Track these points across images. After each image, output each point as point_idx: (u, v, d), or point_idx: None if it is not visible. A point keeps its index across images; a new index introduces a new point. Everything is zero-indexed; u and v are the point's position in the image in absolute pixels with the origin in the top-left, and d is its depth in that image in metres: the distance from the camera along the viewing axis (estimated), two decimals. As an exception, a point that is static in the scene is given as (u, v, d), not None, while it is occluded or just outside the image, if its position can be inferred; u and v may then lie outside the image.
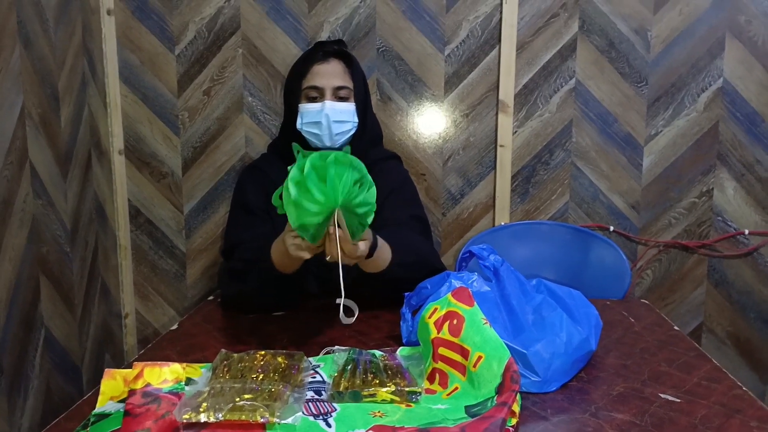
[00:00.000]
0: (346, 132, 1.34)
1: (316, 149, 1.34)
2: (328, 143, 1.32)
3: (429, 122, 1.81)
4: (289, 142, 1.36)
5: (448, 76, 1.79)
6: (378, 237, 1.10)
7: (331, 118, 1.30)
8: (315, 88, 1.32)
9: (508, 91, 1.77)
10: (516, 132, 1.80)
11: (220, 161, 1.86)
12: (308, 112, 1.31)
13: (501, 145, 1.79)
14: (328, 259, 0.96)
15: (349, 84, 1.35)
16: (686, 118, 1.75)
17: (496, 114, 1.79)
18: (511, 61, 1.76)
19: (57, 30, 1.55)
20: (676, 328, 1.14)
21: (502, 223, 1.81)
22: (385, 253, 1.13)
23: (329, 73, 1.32)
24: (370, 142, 1.43)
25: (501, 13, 1.74)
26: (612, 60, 1.75)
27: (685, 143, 1.76)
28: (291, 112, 1.36)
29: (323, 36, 1.79)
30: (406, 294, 1.06)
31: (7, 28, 1.33)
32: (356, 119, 1.35)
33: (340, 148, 1.34)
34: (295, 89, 1.34)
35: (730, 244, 1.78)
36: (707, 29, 1.71)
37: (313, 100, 1.32)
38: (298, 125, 1.33)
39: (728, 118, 1.73)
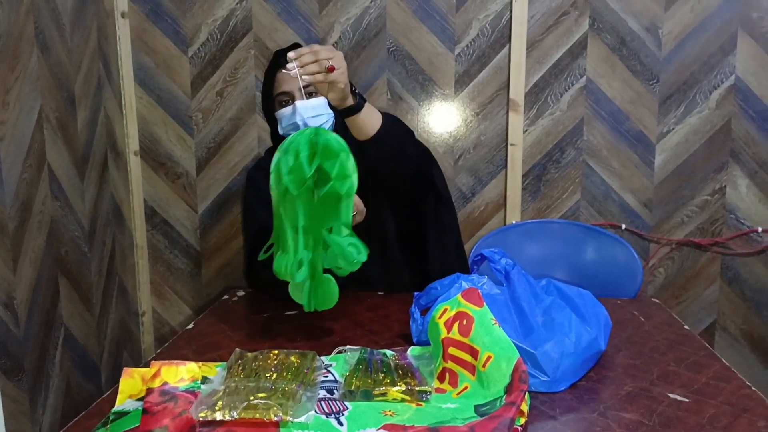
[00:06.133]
0: (324, 124, 1.39)
1: None
2: None
3: (440, 121, 1.82)
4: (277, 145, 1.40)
5: (459, 75, 1.80)
6: (365, 99, 1.17)
7: (304, 115, 1.35)
8: (284, 93, 1.38)
9: (518, 89, 1.77)
10: (527, 130, 1.80)
11: (233, 161, 1.89)
12: (284, 116, 1.38)
13: (512, 144, 1.79)
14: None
15: None
16: (698, 115, 1.74)
17: (507, 113, 1.79)
18: (521, 60, 1.76)
19: (73, 34, 1.58)
20: (686, 327, 1.14)
21: (513, 222, 1.82)
22: (374, 115, 1.19)
23: (292, 76, 1.36)
24: None
25: (511, 11, 1.74)
26: (623, 57, 1.74)
27: (697, 141, 1.75)
28: (272, 121, 1.44)
29: (334, 37, 1.80)
30: (415, 294, 1.08)
31: (25, 34, 1.36)
32: (330, 111, 1.38)
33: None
34: (270, 100, 1.42)
35: (743, 242, 1.77)
36: (719, 26, 1.70)
37: (285, 104, 1.37)
38: (280, 131, 1.41)
39: (741, 115, 1.72)
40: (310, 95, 1.36)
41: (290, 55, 1.07)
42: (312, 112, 1.35)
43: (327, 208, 0.99)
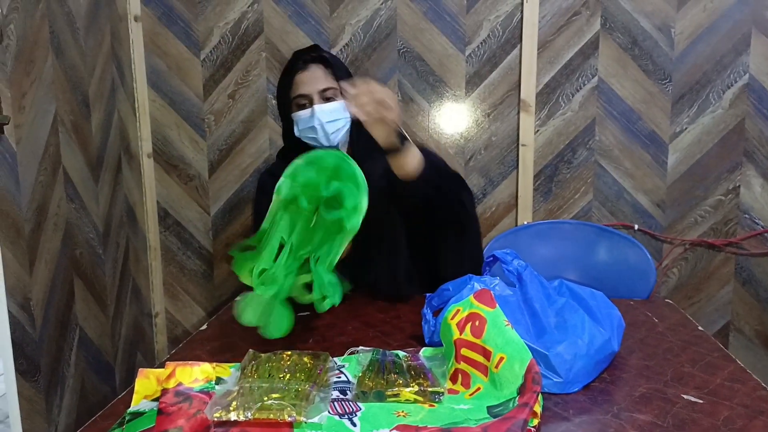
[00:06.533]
0: (341, 129, 1.39)
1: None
2: (325, 143, 1.38)
3: (450, 122, 1.82)
4: (292, 149, 1.40)
5: (470, 76, 1.80)
6: (407, 138, 1.17)
7: (322, 120, 1.35)
8: (302, 95, 1.37)
9: (529, 90, 1.77)
10: (538, 131, 1.80)
11: (245, 163, 1.90)
12: (301, 119, 1.38)
13: (523, 145, 1.79)
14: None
15: (333, 84, 1.39)
16: (711, 115, 1.73)
17: (518, 113, 1.79)
18: (532, 60, 1.76)
19: (87, 38, 1.59)
20: (700, 328, 1.13)
21: (525, 223, 1.81)
22: (415, 154, 1.18)
23: (311, 79, 1.38)
24: (366, 132, 1.46)
25: (522, 12, 1.74)
26: (635, 57, 1.74)
27: (710, 140, 1.74)
28: (287, 122, 1.43)
29: (345, 39, 1.81)
30: (427, 295, 1.08)
31: (40, 38, 1.37)
32: (347, 115, 1.38)
33: (337, 146, 1.40)
34: (286, 101, 1.41)
35: (757, 242, 1.76)
36: (732, 25, 1.69)
37: (302, 107, 1.37)
38: (296, 133, 1.40)
39: (755, 114, 1.71)
40: (328, 100, 1.36)
41: (350, 90, 1.08)
42: (330, 116, 1.35)
43: (322, 236, 0.97)
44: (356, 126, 1.39)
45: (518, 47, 1.76)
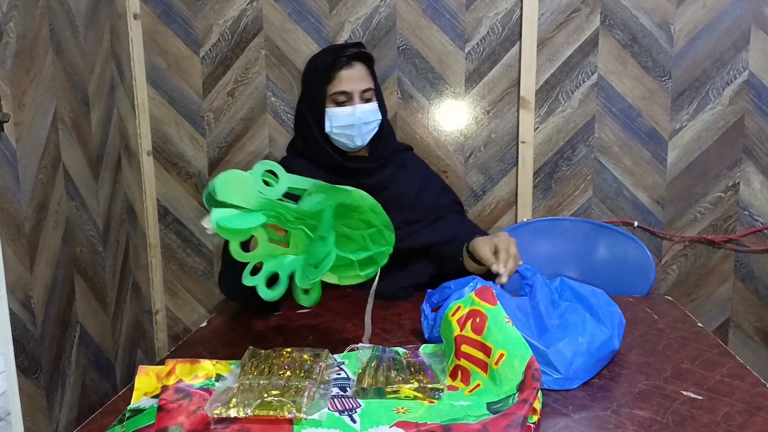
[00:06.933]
0: (373, 130, 1.40)
1: (340, 152, 1.38)
2: (359, 143, 1.39)
3: (450, 119, 1.82)
4: (313, 143, 1.39)
5: (469, 73, 1.80)
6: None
7: (362, 120, 1.35)
8: (344, 93, 1.35)
9: (529, 87, 1.77)
10: (538, 128, 1.80)
11: (245, 161, 1.90)
12: (338, 116, 1.35)
13: (522, 142, 1.79)
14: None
15: (372, 85, 1.39)
16: (711, 111, 1.73)
17: (518, 110, 1.79)
18: (532, 58, 1.76)
19: (87, 36, 1.59)
20: (699, 324, 1.13)
21: (525, 220, 1.82)
22: None
23: (356, 78, 1.36)
24: (388, 136, 1.48)
25: (521, 9, 1.74)
26: (635, 54, 1.74)
27: (710, 137, 1.74)
28: (316, 116, 1.38)
29: (344, 36, 1.80)
30: (428, 291, 1.08)
31: (40, 36, 1.37)
32: (380, 117, 1.39)
33: (366, 146, 1.41)
34: (320, 94, 1.36)
35: (757, 239, 1.76)
36: (732, 21, 1.69)
37: (341, 104, 1.35)
38: (327, 129, 1.36)
39: (754, 111, 1.71)
40: (367, 101, 1.37)
41: (501, 273, 1.08)
42: (368, 117, 1.36)
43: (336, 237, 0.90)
44: (379, 130, 1.41)
45: (518, 44, 1.76)
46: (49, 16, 1.41)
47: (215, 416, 0.74)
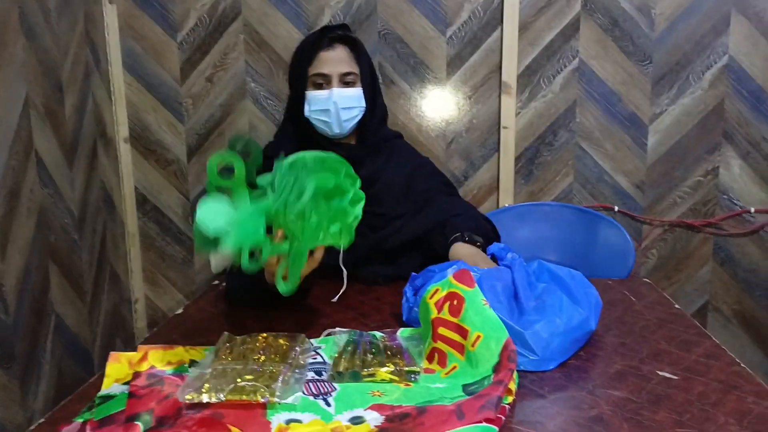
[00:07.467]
0: (354, 117, 1.34)
1: (323, 137, 1.34)
2: (336, 130, 1.33)
3: (432, 105, 1.81)
4: (297, 127, 1.36)
5: (450, 58, 1.78)
6: (474, 237, 1.20)
7: (338, 105, 1.30)
8: (321, 75, 1.31)
9: (510, 72, 1.76)
10: (519, 113, 1.79)
11: (224, 147, 1.87)
12: (316, 99, 1.31)
13: (504, 127, 1.78)
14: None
15: (355, 69, 1.34)
16: (691, 96, 1.73)
17: (499, 95, 1.78)
18: (513, 42, 1.75)
19: (60, 21, 1.56)
20: (677, 306, 1.14)
21: (507, 205, 1.81)
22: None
23: (335, 60, 1.32)
24: (378, 123, 1.43)
25: (503, -7, 1.73)
26: (615, 39, 1.73)
27: (690, 122, 1.75)
28: (297, 98, 1.36)
29: (324, 20, 1.78)
30: (412, 274, 1.07)
31: (9, 21, 1.34)
32: (363, 104, 1.34)
33: (347, 134, 1.36)
34: (301, 75, 1.33)
35: (736, 223, 1.77)
36: (712, 5, 1.69)
37: (319, 87, 1.31)
38: (306, 112, 1.33)
39: (734, 95, 1.72)
40: (347, 84, 1.32)
41: None
42: (347, 103, 1.31)
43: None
44: (368, 118, 1.37)
45: (499, 29, 1.75)
46: (18, 2, 1.37)
47: (187, 401, 0.73)
